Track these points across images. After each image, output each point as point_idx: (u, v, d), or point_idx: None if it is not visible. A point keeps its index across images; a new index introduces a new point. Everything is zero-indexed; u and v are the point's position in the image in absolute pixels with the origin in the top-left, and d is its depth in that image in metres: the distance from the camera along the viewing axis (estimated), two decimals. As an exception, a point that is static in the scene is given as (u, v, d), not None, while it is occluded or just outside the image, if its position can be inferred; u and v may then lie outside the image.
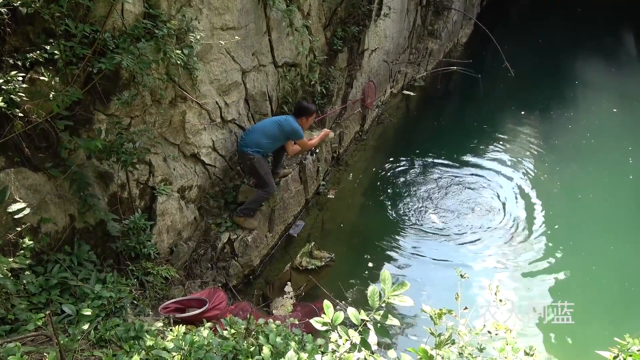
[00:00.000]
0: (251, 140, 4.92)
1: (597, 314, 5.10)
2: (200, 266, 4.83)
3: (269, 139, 4.98)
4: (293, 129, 5.03)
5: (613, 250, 5.93)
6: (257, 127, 5.05)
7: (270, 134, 4.98)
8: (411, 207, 6.66)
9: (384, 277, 1.87)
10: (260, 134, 4.94)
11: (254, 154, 4.88)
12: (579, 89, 10.08)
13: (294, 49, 5.93)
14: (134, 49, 3.27)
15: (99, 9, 3.25)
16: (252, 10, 4.93)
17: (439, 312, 2.02)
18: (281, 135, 5.04)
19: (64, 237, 3.36)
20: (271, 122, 5.06)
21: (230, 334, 2.87)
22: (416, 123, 9.20)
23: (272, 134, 4.98)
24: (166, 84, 3.94)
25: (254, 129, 5.03)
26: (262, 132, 4.96)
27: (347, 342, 1.84)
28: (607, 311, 5.15)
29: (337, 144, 7.29)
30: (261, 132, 4.96)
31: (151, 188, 4.17)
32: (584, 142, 8.20)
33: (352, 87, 7.51)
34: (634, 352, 2.22)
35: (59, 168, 3.27)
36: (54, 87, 3.05)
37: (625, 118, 9.07)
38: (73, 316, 2.85)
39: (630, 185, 7.20)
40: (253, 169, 4.98)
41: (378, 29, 7.90)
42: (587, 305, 5.14)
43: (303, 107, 5.19)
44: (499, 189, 7.04)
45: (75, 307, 2.85)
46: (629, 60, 11.85)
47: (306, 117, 5.19)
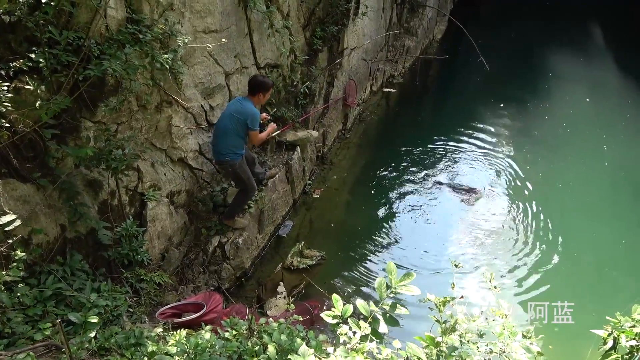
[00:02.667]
0: (221, 146, 4.59)
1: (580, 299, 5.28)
2: (192, 271, 4.81)
3: (235, 136, 4.57)
4: (251, 113, 4.51)
5: (595, 237, 6.12)
6: (219, 128, 4.61)
7: (234, 131, 4.54)
8: (396, 201, 6.75)
9: (389, 268, 1.91)
10: (225, 135, 4.55)
11: (234, 160, 4.62)
12: (552, 81, 10.35)
13: (276, 50, 5.95)
14: (120, 55, 3.24)
15: (82, 15, 3.22)
16: (233, 12, 4.93)
17: (443, 300, 2.07)
18: (243, 126, 4.55)
19: (55, 247, 3.32)
20: (228, 117, 4.54)
21: (232, 335, 2.88)
22: (397, 119, 9.31)
23: (234, 129, 4.53)
24: (151, 89, 3.92)
25: (217, 133, 4.63)
26: (224, 133, 4.55)
27: (358, 334, 1.88)
28: (590, 295, 5.33)
29: (321, 143, 7.33)
30: (223, 132, 4.55)
31: (140, 194, 4.14)
32: (561, 132, 8.43)
33: (334, 86, 7.56)
34: (626, 328, 2.32)
35: (48, 178, 3.23)
36: (39, 96, 3.01)
37: (598, 107, 9.37)
38: (74, 325, 2.82)
39: (607, 172, 7.44)
40: (235, 175, 4.81)
41: (356, 28, 7.97)
42: (569, 289, 5.32)
43: (259, 82, 4.58)
44: (483, 180, 7.19)
45: (82, 316, 2.82)
46: (597, 51, 12.21)
47: (263, 92, 4.61)
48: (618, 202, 6.85)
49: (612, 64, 11.28)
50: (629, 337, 2.28)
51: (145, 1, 3.69)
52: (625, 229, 6.26)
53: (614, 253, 5.91)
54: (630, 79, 10.30)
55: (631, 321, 2.32)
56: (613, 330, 2.34)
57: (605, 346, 2.34)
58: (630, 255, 5.84)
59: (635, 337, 2.27)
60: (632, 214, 6.56)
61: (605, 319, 2.54)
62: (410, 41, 10.79)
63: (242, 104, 4.56)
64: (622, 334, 2.28)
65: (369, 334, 1.89)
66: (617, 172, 7.44)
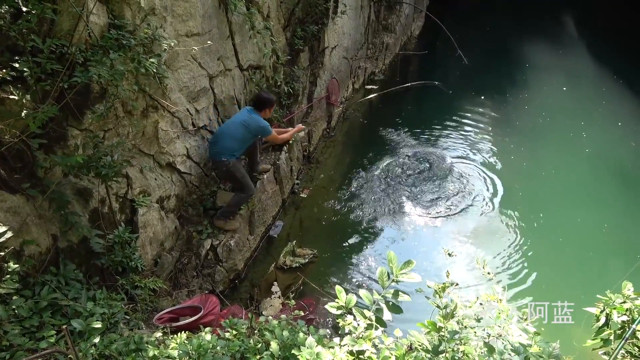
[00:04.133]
0: (222, 147, 4.83)
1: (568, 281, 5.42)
2: (186, 275, 4.79)
3: (238, 142, 4.90)
4: (260, 126, 4.95)
5: (580, 223, 6.28)
6: (223, 132, 4.91)
7: (239, 137, 4.89)
8: (384, 195, 6.81)
9: (390, 257, 1.95)
10: (229, 139, 4.85)
11: (229, 160, 4.83)
12: (529, 72, 10.56)
13: (258, 51, 5.96)
14: (106, 61, 3.23)
15: (64, 22, 3.19)
16: (214, 15, 4.93)
17: (443, 285, 2.12)
18: (249, 135, 4.97)
19: (48, 258, 3.28)
20: (236, 124, 4.90)
21: (232, 335, 2.89)
22: (380, 115, 9.38)
23: (240, 136, 4.89)
24: (137, 95, 3.90)
25: (221, 135, 4.90)
26: (230, 137, 4.85)
27: (362, 323, 1.92)
28: (578, 278, 5.48)
29: (306, 142, 7.36)
30: (229, 136, 4.85)
31: (130, 201, 4.11)
32: (541, 121, 8.62)
33: (316, 85, 7.60)
34: (617, 305, 2.40)
35: (37, 188, 3.19)
36: (25, 106, 2.97)
37: (575, 95, 9.60)
38: (73, 334, 2.79)
39: (588, 158, 7.64)
40: (229, 174, 4.96)
41: (336, 27, 8.02)
42: (554, 274, 5.48)
43: (263, 99, 5.03)
44: (469, 171, 7.31)
45: (85, 322, 2.80)
46: (571, 41, 12.50)
47: (268, 108, 5.08)
48: (600, 187, 7.04)
49: (585, 53, 11.56)
50: (620, 313, 2.37)
51: (127, 6, 3.67)
52: (608, 213, 6.44)
53: (598, 237, 6.07)
54: (603, 67, 10.57)
55: (621, 297, 2.41)
56: (605, 308, 2.42)
57: (598, 323, 2.42)
58: (615, 237, 6.01)
59: (626, 312, 2.36)
60: (613, 198, 6.75)
61: (596, 297, 2.63)
62: (389, 38, 10.90)
63: (252, 117, 4.94)
64: (614, 310, 2.37)
65: (373, 322, 1.93)
66: (597, 158, 7.64)
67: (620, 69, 10.18)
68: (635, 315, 2.27)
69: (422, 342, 2.00)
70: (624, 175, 7.27)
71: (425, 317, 2.36)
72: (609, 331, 2.34)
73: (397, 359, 1.90)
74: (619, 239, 5.98)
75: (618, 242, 5.93)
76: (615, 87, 9.82)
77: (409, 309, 3.83)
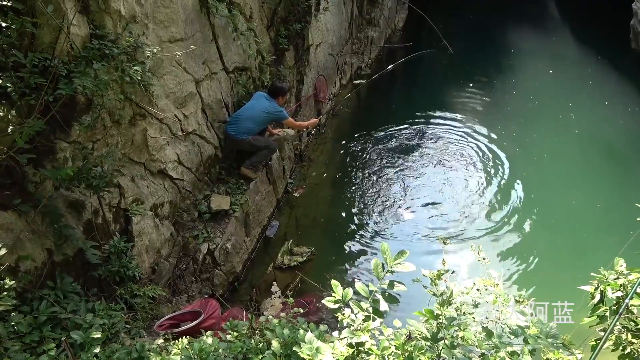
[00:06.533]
0: (243, 128, 5.44)
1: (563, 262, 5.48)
2: (185, 281, 4.79)
3: (259, 125, 5.57)
4: (279, 112, 5.63)
5: (575, 204, 6.34)
6: (245, 115, 5.49)
7: (260, 121, 5.55)
8: (378, 188, 6.85)
9: (383, 248, 1.97)
10: (251, 122, 5.47)
11: (247, 138, 5.46)
12: (515, 57, 10.60)
13: (242, 53, 5.95)
14: (89, 71, 3.22)
15: (45, 35, 3.18)
16: (196, 19, 4.92)
17: (437, 273, 2.15)
18: (269, 120, 5.69)
19: (44, 272, 3.27)
20: (258, 110, 5.51)
21: (234, 337, 2.90)
22: (369, 109, 9.39)
23: (261, 120, 5.56)
24: (123, 104, 3.89)
25: (243, 117, 5.47)
26: (252, 120, 5.47)
27: (360, 315, 1.93)
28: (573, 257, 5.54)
29: (297, 141, 7.36)
30: (251, 120, 5.47)
31: (124, 210, 4.11)
32: (530, 106, 8.67)
33: (304, 83, 7.60)
34: (611, 281, 2.44)
35: (29, 203, 3.18)
36: (11, 121, 2.96)
37: (561, 78, 9.65)
38: (73, 347, 2.79)
39: (578, 139, 7.70)
40: (251, 146, 5.58)
41: (319, 24, 8.02)
42: (549, 255, 5.55)
43: (278, 88, 5.73)
44: (462, 160, 7.35)
45: (84, 333, 2.80)
46: (554, 24, 12.53)
47: (282, 96, 5.75)
48: (591, 167, 7.11)
49: (569, 36, 11.60)
50: (614, 289, 2.40)
51: (107, 16, 3.66)
52: (601, 192, 6.50)
53: (593, 216, 6.13)
54: (587, 49, 10.62)
55: (615, 274, 2.44)
56: (599, 285, 2.45)
57: (593, 300, 2.45)
58: (609, 215, 6.07)
59: (620, 288, 2.39)
60: (604, 177, 6.82)
61: (590, 275, 2.66)
62: (373, 32, 10.90)
63: (271, 104, 5.60)
64: (608, 286, 2.40)
65: (370, 313, 1.95)
66: (586, 138, 7.70)
67: (604, 50, 10.24)
68: (628, 289, 2.31)
69: (421, 331, 2.02)
70: (613, 153, 7.34)
71: (426, 306, 2.38)
72: (604, 308, 2.38)
73: (396, 348, 1.92)
74: (612, 216, 6.03)
75: (612, 219, 5.98)
76: (599, 67, 9.88)
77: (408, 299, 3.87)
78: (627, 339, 2.34)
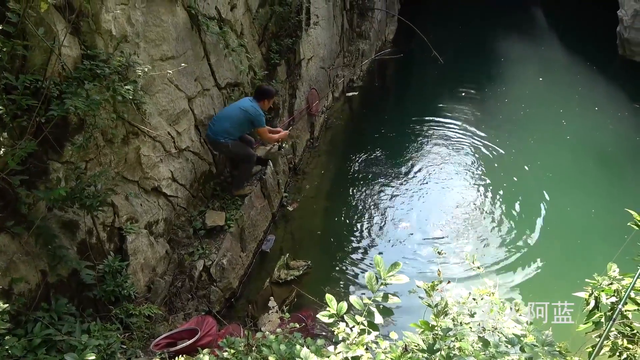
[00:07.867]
0: (220, 128, 5.20)
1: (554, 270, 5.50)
2: (181, 299, 4.76)
3: (235, 125, 5.24)
4: (257, 113, 5.30)
5: (570, 211, 6.37)
6: (223, 114, 5.31)
7: (236, 120, 5.24)
8: (372, 200, 6.86)
9: (376, 261, 1.97)
10: (227, 121, 5.21)
11: (227, 142, 5.21)
12: (505, 65, 10.73)
13: (234, 69, 5.99)
14: (81, 92, 3.23)
15: (37, 57, 3.20)
16: (187, 37, 4.96)
17: (432, 284, 2.15)
18: (246, 121, 5.30)
19: (39, 294, 3.25)
20: (235, 108, 5.29)
21: (230, 354, 2.88)
22: (362, 121, 9.43)
23: (237, 120, 5.24)
24: (116, 123, 3.90)
25: (221, 116, 5.29)
26: (228, 119, 5.21)
27: (356, 328, 1.93)
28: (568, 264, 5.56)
29: (291, 154, 7.38)
30: (228, 119, 5.22)
31: (118, 229, 4.10)
32: (522, 113, 8.76)
33: (296, 97, 7.64)
34: (605, 287, 2.45)
35: (22, 225, 3.17)
36: (3, 143, 2.97)
37: (551, 85, 9.77)
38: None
39: (569, 145, 7.76)
40: (231, 153, 5.48)
41: (310, 38, 8.10)
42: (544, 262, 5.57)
43: (264, 89, 5.49)
44: (456, 168, 7.40)
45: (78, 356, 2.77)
46: (542, 32, 12.71)
47: (268, 99, 5.47)
48: (584, 172, 7.18)
49: (557, 43, 11.76)
50: (608, 295, 2.41)
51: (98, 36, 3.69)
52: (594, 198, 6.54)
53: (587, 223, 6.18)
54: (576, 55, 10.76)
55: (608, 279, 2.45)
56: (593, 291, 2.46)
57: (588, 307, 2.46)
58: (603, 221, 6.10)
59: (614, 293, 2.40)
60: (597, 182, 6.88)
61: (585, 281, 2.67)
62: (364, 45, 11.00)
63: (252, 104, 5.32)
64: (602, 292, 2.41)
65: (365, 327, 1.95)
66: (578, 144, 7.77)
67: (592, 55, 10.40)
68: (622, 295, 2.32)
69: (417, 343, 2.01)
70: (605, 159, 7.40)
71: (424, 317, 2.38)
72: (599, 314, 2.39)
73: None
74: (607, 222, 6.06)
75: (606, 225, 6.01)
76: (588, 73, 10.01)
77: (405, 311, 3.87)
78: (623, 344, 2.34)
